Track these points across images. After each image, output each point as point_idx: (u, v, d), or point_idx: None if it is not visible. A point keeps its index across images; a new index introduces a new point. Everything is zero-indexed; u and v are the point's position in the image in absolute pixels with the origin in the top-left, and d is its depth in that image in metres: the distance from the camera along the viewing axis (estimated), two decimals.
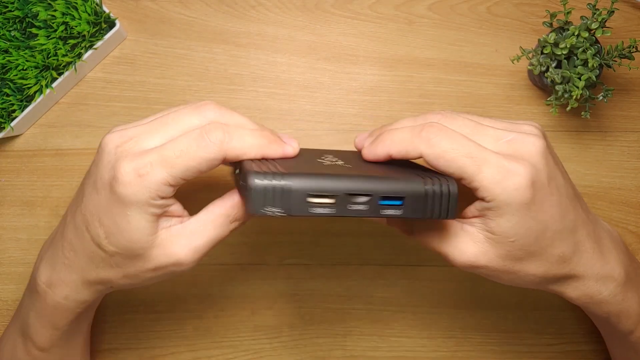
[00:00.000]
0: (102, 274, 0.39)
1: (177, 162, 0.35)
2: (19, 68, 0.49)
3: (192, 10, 0.53)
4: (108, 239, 0.37)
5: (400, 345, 0.54)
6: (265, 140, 0.37)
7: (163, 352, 0.54)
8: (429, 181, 0.35)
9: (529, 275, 0.38)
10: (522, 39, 0.54)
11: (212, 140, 0.36)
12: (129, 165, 0.35)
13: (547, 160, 0.37)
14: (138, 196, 0.35)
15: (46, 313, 0.42)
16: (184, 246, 0.37)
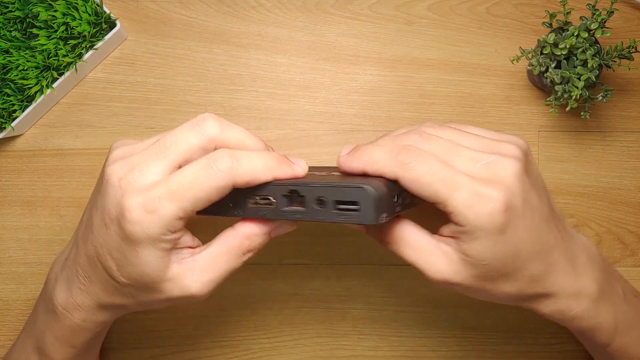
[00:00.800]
0: (116, 301, 0.39)
1: (186, 194, 0.34)
2: (20, 68, 0.49)
3: (192, 10, 0.54)
4: (120, 272, 0.37)
5: (400, 345, 0.54)
6: (275, 161, 0.37)
7: (163, 352, 0.54)
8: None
9: (503, 294, 0.38)
10: (521, 40, 0.54)
11: (220, 168, 0.35)
12: (135, 201, 0.35)
13: (523, 184, 0.37)
14: (148, 233, 0.35)
15: (64, 333, 0.42)
16: (197, 281, 0.37)
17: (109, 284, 0.38)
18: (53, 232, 0.53)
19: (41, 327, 0.43)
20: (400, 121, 0.54)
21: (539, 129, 0.54)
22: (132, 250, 0.36)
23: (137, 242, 0.35)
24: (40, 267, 0.54)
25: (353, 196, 0.34)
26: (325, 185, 0.35)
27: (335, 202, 0.35)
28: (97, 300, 0.40)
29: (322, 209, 0.35)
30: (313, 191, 0.35)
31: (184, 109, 0.53)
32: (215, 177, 0.35)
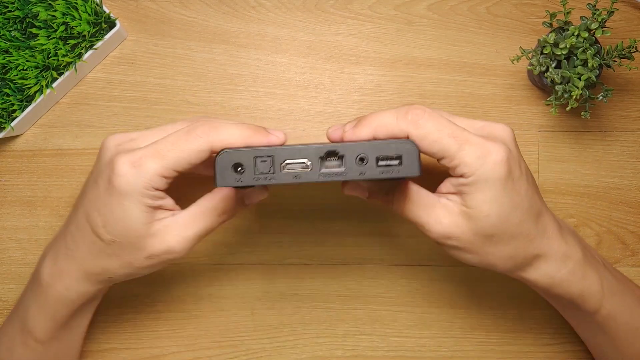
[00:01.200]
0: (100, 263, 0.42)
1: (169, 154, 0.38)
2: (20, 68, 0.49)
3: (192, 10, 0.54)
4: (106, 228, 0.40)
5: (400, 345, 0.54)
6: (250, 131, 0.39)
7: (163, 352, 0.54)
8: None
9: (498, 255, 0.40)
10: (521, 39, 0.54)
11: (198, 133, 0.39)
12: (124, 158, 0.39)
13: (516, 146, 0.41)
14: (133, 186, 0.38)
15: (48, 304, 0.43)
16: (176, 236, 0.40)
17: (94, 245, 0.41)
18: (53, 232, 0.53)
19: (26, 303, 0.45)
20: None
21: (539, 129, 0.54)
22: (118, 204, 0.39)
23: (123, 195, 0.39)
24: None
25: (396, 150, 0.36)
26: (366, 142, 0.36)
27: (377, 159, 0.36)
28: (82, 264, 0.42)
29: (363, 166, 0.36)
30: (354, 149, 0.36)
31: (184, 109, 0.53)
32: (194, 141, 0.39)
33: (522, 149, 0.53)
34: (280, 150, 0.36)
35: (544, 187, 0.54)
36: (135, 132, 0.42)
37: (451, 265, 0.54)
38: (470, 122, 0.41)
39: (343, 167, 0.36)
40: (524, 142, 0.54)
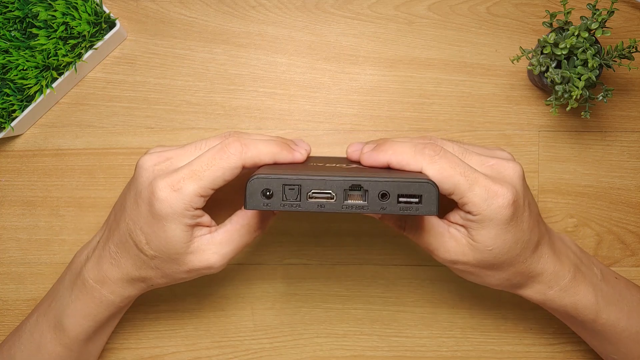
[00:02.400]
0: (143, 273, 0.44)
1: (205, 174, 0.41)
2: (19, 68, 0.49)
3: (192, 10, 0.53)
4: (149, 245, 0.42)
5: (400, 345, 0.54)
6: (277, 147, 0.43)
7: (163, 352, 0.54)
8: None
9: (498, 277, 0.44)
10: (522, 39, 0.54)
11: (231, 152, 0.41)
12: (163, 182, 0.41)
13: (524, 184, 0.43)
14: (174, 209, 0.41)
15: (92, 306, 0.46)
16: (215, 253, 0.43)
17: (138, 258, 0.43)
18: (52, 232, 0.53)
19: (62, 303, 0.46)
20: (400, 121, 0.53)
21: (539, 129, 0.54)
22: (160, 224, 0.41)
23: (164, 218, 0.41)
24: (40, 267, 0.53)
25: (417, 190, 0.38)
26: (389, 180, 0.38)
27: (398, 196, 0.38)
28: (126, 273, 0.44)
29: (384, 202, 0.38)
30: (377, 186, 0.38)
31: (184, 108, 0.53)
32: (228, 159, 0.41)
33: (522, 149, 0.53)
34: (308, 180, 0.38)
35: (544, 187, 0.54)
36: (169, 150, 0.44)
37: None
38: (482, 160, 0.43)
39: (366, 200, 0.38)
40: (524, 142, 0.54)
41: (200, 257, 0.43)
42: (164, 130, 0.53)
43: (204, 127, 0.53)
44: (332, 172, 0.40)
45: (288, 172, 0.39)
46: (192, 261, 0.43)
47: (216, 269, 0.44)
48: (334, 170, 0.41)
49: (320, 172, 0.40)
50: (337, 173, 0.39)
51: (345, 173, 0.40)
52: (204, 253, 0.43)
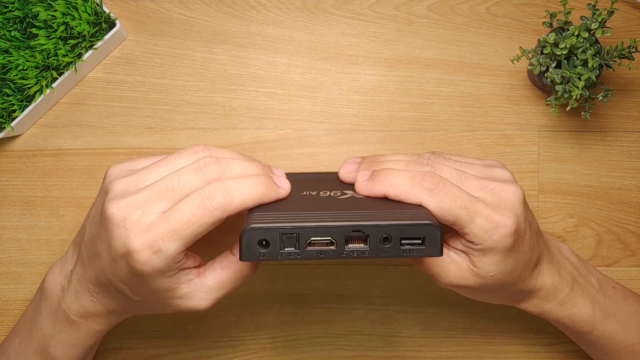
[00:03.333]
0: (129, 310, 0.43)
1: (186, 232, 0.37)
2: (19, 68, 0.49)
3: (192, 10, 0.53)
4: (133, 293, 0.40)
5: (400, 345, 0.54)
6: (262, 189, 0.40)
7: (163, 352, 0.54)
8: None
9: (495, 296, 0.45)
10: (522, 39, 0.54)
11: (214, 206, 0.37)
12: (140, 242, 0.37)
13: (525, 206, 0.43)
14: (156, 269, 0.38)
15: (78, 336, 0.44)
16: (203, 299, 0.41)
17: (121, 300, 0.42)
18: (52, 232, 0.53)
19: (45, 334, 0.44)
20: (400, 121, 0.53)
21: (539, 129, 0.54)
22: (143, 280, 0.39)
23: (146, 276, 0.38)
24: (40, 267, 0.53)
25: (420, 233, 0.37)
26: (391, 224, 0.37)
27: (401, 239, 0.37)
28: (111, 309, 0.43)
29: (386, 246, 0.37)
30: (379, 231, 0.37)
31: (184, 109, 0.53)
32: (211, 214, 0.37)
33: (522, 149, 0.53)
34: (307, 229, 0.37)
35: (544, 187, 0.54)
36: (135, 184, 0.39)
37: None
38: (482, 184, 0.42)
39: (367, 245, 0.37)
40: (524, 142, 0.54)
41: (188, 302, 0.41)
42: (164, 130, 0.53)
43: (204, 127, 0.53)
44: (329, 213, 0.38)
45: (284, 219, 0.37)
46: (179, 305, 0.41)
47: (205, 309, 0.41)
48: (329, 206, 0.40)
49: (317, 212, 0.38)
50: (334, 215, 0.38)
51: (343, 213, 0.38)
52: (193, 299, 0.41)
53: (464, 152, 0.53)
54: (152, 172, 0.40)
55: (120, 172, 0.42)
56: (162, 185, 0.39)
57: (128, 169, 0.42)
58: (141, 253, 0.37)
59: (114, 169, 0.42)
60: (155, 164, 0.41)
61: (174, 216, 0.37)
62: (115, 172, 0.42)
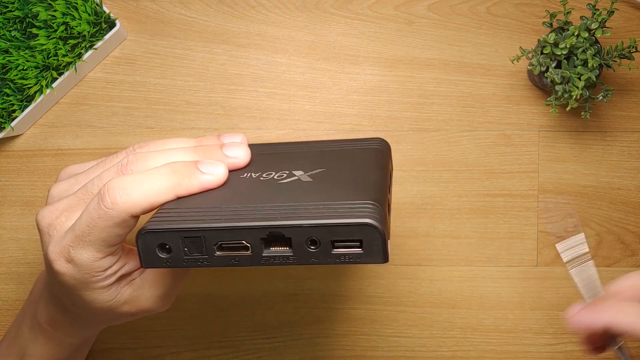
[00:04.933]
0: (87, 323, 0.40)
1: (90, 238, 0.34)
2: (19, 68, 0.49)
3: (192, 10, 0.53)
4: (75, 307, 0.38)
5: (399, 345, 0.54)
6: (173, 179, 0.34)
7: (163, 352, 0.54)
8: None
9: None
10: (522, 39, 0.54)
11: (107, 205, 0.33)
12: (55, 252, 0.35)
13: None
14: (79, 280, 0.35)
15: (50, 347, 0.42)
16: (149, 297, 0.38)
17: (74, 315, 0.39)
18: None
19: (26, 339, 0.43)
20: (400, 121, 0.53)
21: (539, 129, 0.54)
22: (76, 294, 0.36)
23: (74, 288, 0.35)
24: (40, 267, 0.53)
25: (356, 234, 0.30)
26: (316, 224, 0.30)
27: (332, 242, 0.30)
28: (72, 320, 0.40)
29: (314, 250, 0.30)
30: (303, 232, 0.30)
31: (184, 109, 0.53)
32: (106, 216, 0.33)
33: (522, 149, 0.53)
34: (211, 231, 0.30)
35: (544, 187, 0.54)
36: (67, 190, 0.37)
37: (451, 265, 0.54)
38: None
39: (291, 249, 0.31)
40: (524, 142, 0.54)
41: (134, 305, 0.37)
42: (164, 130, 0.53)
43: (204, 127, 0.53)
44: (248, 208, 0.31)
45: (188, 218, 0.31)
46: (128, 310, 0.38)
47: (158, 310, 0.39)
48: (257, 197, 0.33)
49: (233, 207, 0.32)
50: (253, 211, 0.31)
51: (264, 208, 0.31)
52: (137, 300, 0.37)
53: (464, 152, 0.53)
54: (87, 175, 0.38)
55: (67, 174, 0.40)
56: (84, 189, 0.36)
57: (74, 172, 0.40)
58: (57, 262, 0.34)
59: (63, 171, 0.40)
60: (92, 167, 0.38)
61: (77, 222, 0.34)
62: (63, 175, 0.40)
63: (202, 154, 0.37)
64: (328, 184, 0.34)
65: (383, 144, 0.42)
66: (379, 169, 0.37)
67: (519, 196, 0.53)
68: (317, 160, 0.38)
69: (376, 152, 0.40)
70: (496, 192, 0.54)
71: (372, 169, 0.37)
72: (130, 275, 0.38)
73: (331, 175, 0.36)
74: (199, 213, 0.32)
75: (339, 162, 0.38)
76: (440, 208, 0.53)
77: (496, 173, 0.54)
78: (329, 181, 0.35)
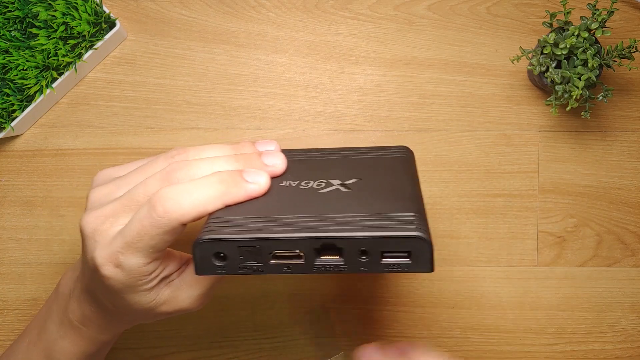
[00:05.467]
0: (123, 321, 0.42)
1: (140, 245, 0.35)
2: (20, 68, 0.49)
3: (192, 10, 0.53)
4: (116, 308, 0.39)
5: None
6: (220, 188, 0.36)
7: (163, 352, 0.54)
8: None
9: None
10: (522, 39, 0.54)
11: (158, 214, 0.34)
12: (103, 257, 0.36)
13: None
14: (125, 284, 0.36)
15: (80, 344, 0.43)
16: (187, 298, 0.39)
17: (110, 313, 0.40)
18: (53, 232, 0.53)
19: (53, 336, 0.44)
20: (401, 121, 0.53)
21: (539, 129, 0.54)
22: (120, 297, 0.37)
23: (119, 292, 0.37)
24: (40, 267, 0.54)
25: (405, 246, 0.31)
26: (368, 236, 0.31)
27: (382, 253, 0.32)
28: (107, 318, 0.41)
29: (364, 260, 0.32)
30: (355, 243, 0.32)
31: (184, 109, 0.53)
32: (157, 224, 0.34)
33: (522, 149, 0.53)
34: (269, 241, 0.32)
35: (544, 187, 0.54)
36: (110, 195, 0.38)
37: (451, 265, 0.54)
38: None
39: (342, 259, 0.32)
40: (524, 142, 0.54)
41: (172, 305, 0.39)
42: (164, 130, 0.53)
43: (204, 127, 0.53)
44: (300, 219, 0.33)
45: (244, 228, 0.33)
46: (165, 310, 0.39)
47: (195, 309, 0.40)
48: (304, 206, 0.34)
49: (285, 218, 0.33)
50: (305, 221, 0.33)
51: (315, 219, 0.33)
52: (175, 301, 0.39)
53: (464, 152, 0.53)
54: (128, 180, 0.39)
55: (103, 179, 0.41)
56: (129, 195, 0.37)
57: (112, 176, 0.41)
58: (105, 267, 0.36)
59: (99, 175, 0.41)
60: (133, 171, 0.39)
61: (126, 228, 0.35)
62: (99, 179, 0.41)
63: (244, 162, 0.38)
64: (368, 194, 0.36)
65: (409, 153, 0.44)
66: (412, 179, 0.39)
67: (519, 196, 0.53)
68: (351, 169, 0.40)
69: (404, 161, 0.42)
70: (496, 192, 0.54)
71: (406, 178, 0.39)
72: (170, 276, 0.39)
73: (368, 185, 0.38)
74: (254, 223, 0.33)
75: (373, 171, 0.40)
76: (440, 208, 0.54)
77: (496, 173, 0.54)
78: (367, 191, 0.36)
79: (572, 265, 0.54)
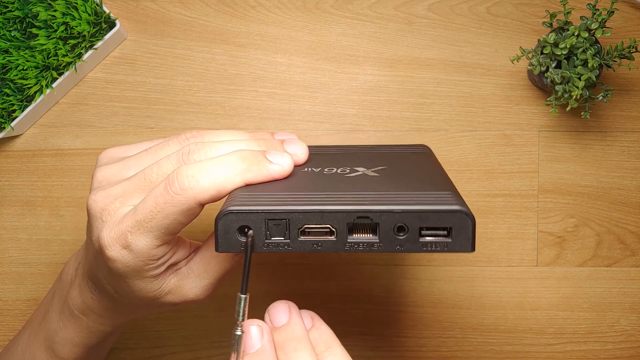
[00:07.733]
0: (125, 311, 0.40)
1: (152, 225, 0.33)
2: (19, 68, 0.49)
3: (192, 10, 0.54)
4: (119, 294, 0.37)
5: (400, 345, 0.54)
6: (242, 166, 0.34)
7: (163, 352, 0.54)
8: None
9: None
10: (522, 39, 0.54)
11: (176, 192, 0.33)
12: (110, 237, 0.34)
13: None
14: (132, 267, 0.35)
15: (80, 334, 0.42)
16: (193, 288, 0.37)
17: (113, 302, 0.39)
18: (53, 232, 0.53)
19: (54, 326, 0.42)
20: (400, 121, 0.53)
21: (539, 129, 0.54)
22: (122, 281, 0.36)
23: (124, 276, 0.35)
24: (40, 267, 0.54)
25: (446, 221, 0.29)
26: (408, 210, 0.29)
27: (420, 229, 0.30)
28: (108, 307, 0.40)
29: (401, 237, 0.30)
30: (392, 218, 0.29)
31: (184, 109, 0.53)
32: (174, 202, 0.33)
33: (522, 149, 0.53)
34: (299, 213, 0.29)
35: (544, 187, 0.54)
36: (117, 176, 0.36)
37: (451, 265, 0.54)
38: None
39: (377, 236, 0.30)
40: (524, 142, 0.54)
41: (178, 294, 0.37)
42: (164, 130, 0.53)
43: (204, 127, 0.53)
44: (331, 194, 0.31)
45: (271, 201, 0.30)
46: (171, 300, 0.37)
47: (201, 300, 0.38)
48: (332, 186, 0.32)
49: (315, 193, 0.31)
50: (337, 196, 0.30)
51: (348, 195, 0.31)
52: (182, 290, 0.37)
53: (464, 152, 0.53)
54: (138, 161, 0.37)
55: (109, 158, 0.39)
56: (142, 175, 0.35)
57: (118, 156, 0.39)
58: (111, 248, 0.34)
59: (105, 154, 0.39)
60: (144, 152, 0.38)
61: (139, 206, 0.33)
62: (105, 158, 0.39)
63: (265, 146, 0.37)
64: (397, 178, 0.34)
65: (428, 149, 0.44)
66: (439, 167, 0.38)
67: (519, 196, 0.53)
68: (374, 159, 0.38)
69: (426, 155, 0.41)
70: (496, 192, 0.54)
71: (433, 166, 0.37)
72: (177, 264, 0.37)
73: (395, 171, 0.36)
74: (282, 197, 0.31)
75: (397, 161, 0.38)
76: None
77: (496, 173, 0.54)
78: (396, 175, 0.34)
79: (572, 265, 0.54)
